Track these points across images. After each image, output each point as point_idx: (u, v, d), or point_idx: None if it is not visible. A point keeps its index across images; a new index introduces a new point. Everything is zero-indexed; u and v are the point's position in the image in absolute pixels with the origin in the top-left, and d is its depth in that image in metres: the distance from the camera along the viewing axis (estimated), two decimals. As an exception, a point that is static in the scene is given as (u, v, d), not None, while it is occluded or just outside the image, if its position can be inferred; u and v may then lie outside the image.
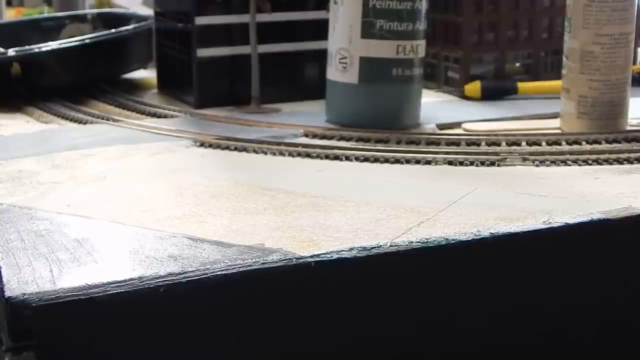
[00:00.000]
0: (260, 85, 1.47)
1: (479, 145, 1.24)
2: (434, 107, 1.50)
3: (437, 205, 0.96)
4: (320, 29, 1.45)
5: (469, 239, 0.85)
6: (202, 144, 1.25)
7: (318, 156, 1.19)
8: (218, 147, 1.24)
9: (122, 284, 0.74)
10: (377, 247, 0.82)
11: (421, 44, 1.35)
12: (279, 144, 1.24)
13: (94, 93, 1.61)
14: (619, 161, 1.16)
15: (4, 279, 0.74)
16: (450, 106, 1.53)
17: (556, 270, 0.90)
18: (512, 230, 0.88)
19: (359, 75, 1.33)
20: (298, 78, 1.56)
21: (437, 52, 1.63)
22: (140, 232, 0.88)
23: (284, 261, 0.79)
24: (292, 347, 0.81)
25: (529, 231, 0.88)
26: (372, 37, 1.32)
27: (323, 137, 1.29)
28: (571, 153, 1.19)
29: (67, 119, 1.44)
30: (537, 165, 1.15)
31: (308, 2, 1.54)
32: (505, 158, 1.17)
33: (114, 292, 0.73)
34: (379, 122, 1.32)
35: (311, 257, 0.80)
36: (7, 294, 0.71)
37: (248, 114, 1.44)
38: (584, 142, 1.25)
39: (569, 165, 1.15)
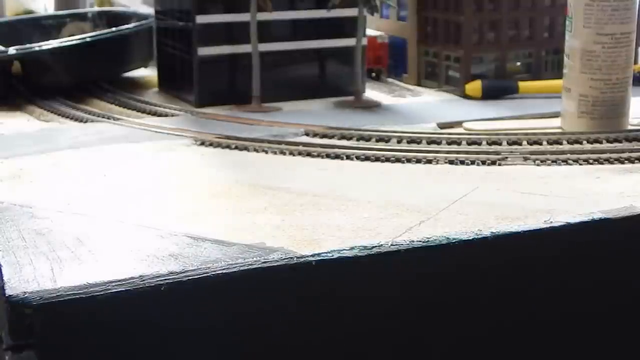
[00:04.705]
0: (261, 84, 1.47)
1: (479, 144, 1.23)
2: (435, 106, 1.50)
3: (438, 204, 0.96)
4: (321, 28, 1.45)
5: (470, 238, 0.85)
6: (202, 143, 1.25)
7: (319, 155, 1.19)
8: (219, 145, 1.24)
9: (123, 282, 0.74)
10: (378, 246, 0.82)
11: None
12: (279, 142, 1.24)
13: (95, 92, 1.61)
14: (620, 160, 1.16)
15: (5, 278, 0.74)
16: (451, 105, 1.53)
17: (557, 270, 0.90)
18: (513, 230, 0.88)
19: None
20: (299, 77, 1.56)
21: (438, 51, 1.63)
22: (141, 230, 0.88)
23: (284, 260, 0.79)
24: (292, 346, 0.81)
25: (530, 230, 0.88)
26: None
27: (324, 136, 1.28)
28: (572, 152, 1.19)
29: (67, 117, 1.44)
30: (538, 165, 1.15)
31: (309, 1, 1.54)
32: (506, 157, 1.17)
33: (115, 290, 0.73)
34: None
35: (312, 256, 0.80)
36: (8, 292, 0.71)
37: (249, 112, 1.44)
38: (584, 142, 1.25)
39: (570, 164, 1.15)
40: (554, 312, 0.92)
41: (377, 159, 1.17)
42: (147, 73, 1.77)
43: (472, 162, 1.15)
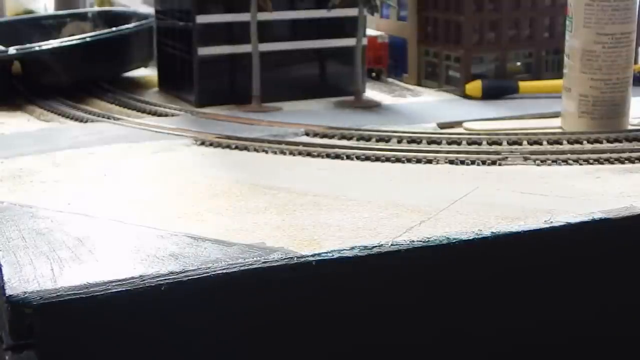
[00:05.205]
0: (261, 84, 1.47)
1: (480, 144, 1.23)
2: (435, 106, 1.50)
3: (439, 204, 0.96)
4: (321, 28, 1.45)
5: (470, 238, 0.85)
6: (202, 143, 1.25)
7: (319, 155, 1.19)
8: (219, 145, 1.24)
9: (123, 282, 0.74)
10: (379, 246, 0.82)
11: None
12: (279, 142, 1.24)
13: (95, 91, 1.61)
14: (620, 160, 1.16)
15: (5, 278, 0.74)
16: (451, 105, 1.53)
17: (557, 270, 0.90)
18: (513, 230, 0.87)
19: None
20: (299, 77, 1.56)
21: (438, 51, 1.63)
22: (141, 230, 0.88)
23: (285, 260, 0.79)
24: (292, 346, 0.81)
25: (530, 230, 0.88)
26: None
27: (324, 136, 1.28)
28: (572, 152, 1.19)
29: (67, 117, 1.44)
30: (538, 165, 1.15)
31: (309, 1, 1.54)
32: (507, 157, 1.17)
33: (115, 290, 0.73)
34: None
35: (312, 256, 0.80)
36: (8, 292, 0.71)
37: (249, 112, 1.44)
38: (585, 142, 1.25)
39: (570, 164, 1.15)
40: (555, 312, 0.91)
41: (377, 159, 1.17)
42: (147, 73, 1.77)
43: (472, 162, 1.15)
